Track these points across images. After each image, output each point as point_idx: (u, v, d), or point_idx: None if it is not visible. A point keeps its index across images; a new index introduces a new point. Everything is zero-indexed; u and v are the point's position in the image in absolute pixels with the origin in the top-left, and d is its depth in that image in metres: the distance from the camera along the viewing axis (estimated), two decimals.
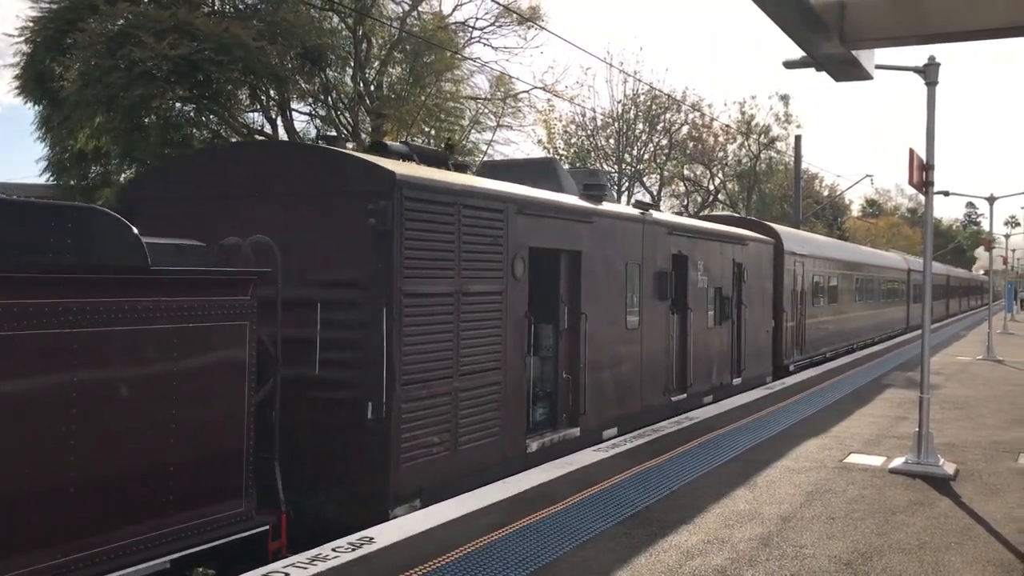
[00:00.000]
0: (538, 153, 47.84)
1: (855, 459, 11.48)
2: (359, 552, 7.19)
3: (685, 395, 15.84)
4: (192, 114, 26.79)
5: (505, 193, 10.83)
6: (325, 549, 7.26)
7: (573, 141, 49.18)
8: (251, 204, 9.39)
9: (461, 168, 11.95)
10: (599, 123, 49.10)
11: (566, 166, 49.47)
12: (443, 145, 24.08)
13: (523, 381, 11.04)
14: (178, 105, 25.56)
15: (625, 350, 13.64)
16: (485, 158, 35.93)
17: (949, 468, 10.71)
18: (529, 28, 34.45)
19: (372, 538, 7.56)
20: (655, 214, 15.31)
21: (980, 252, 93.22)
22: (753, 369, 19.91)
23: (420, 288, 9.11)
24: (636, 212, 14.46)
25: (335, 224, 9.00)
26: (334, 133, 30.56)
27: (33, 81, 26.54)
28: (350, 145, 12.20)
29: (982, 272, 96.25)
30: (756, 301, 20.11)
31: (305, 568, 6.78)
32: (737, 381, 18.72)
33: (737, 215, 36.79)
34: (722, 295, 17.81)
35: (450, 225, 9.60)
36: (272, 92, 28.79)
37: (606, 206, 13.46)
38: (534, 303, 11.41)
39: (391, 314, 8.59)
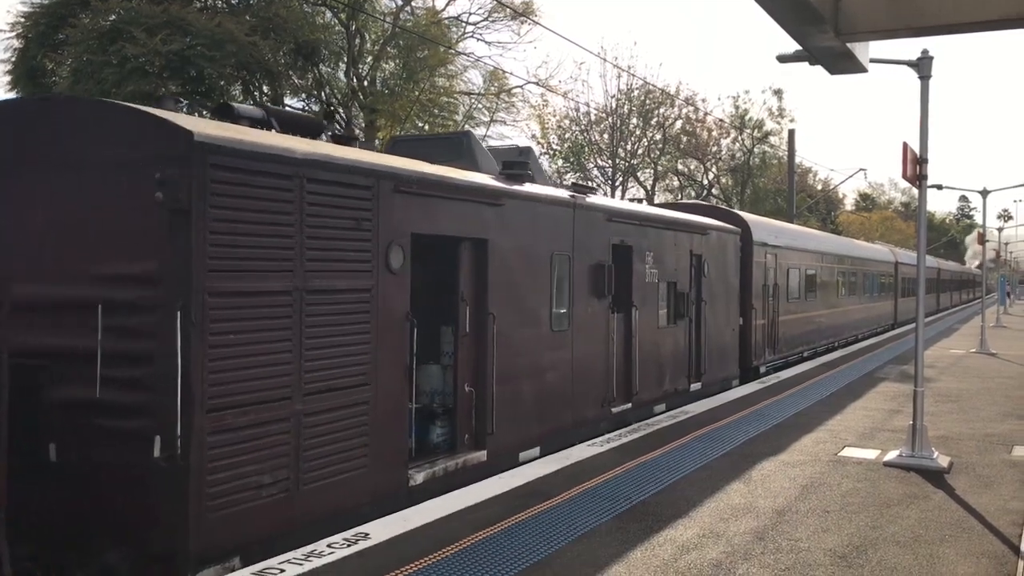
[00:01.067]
0: (534, 150, 47.88)
1: (849, 452, 11.50)
2: (354, 548, 7.18)
3: (630, 405, 13.89)
4: (185, 110, 26.76)
5: (375, 166, 8.75)
6: (320, 545, 7.24)
7: (567, 136, 49.19)
8: (18, 176, 7.55)
9: (345, 142, 9.81)
10: (593, 118, 49.15)
11: (560, 161, 49.19)
12: (323, 113, 23.40)
13: (403, 398, 8.93)
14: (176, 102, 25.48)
15: (550, 356, 11.72)
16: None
17: (943, 461, 10.73)
18: (522, 23, 34.46)
19: (367, 534, 7.55)
20: (592, 198, 13.35)
21: (969, 240, 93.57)
22: (715, 372, 18.00)
23: (236, 285, 7.12)
24: (564, 195, 12.49)
25: (119, 201, 7.05)
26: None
27: (25, 77, 26.47)
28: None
29: (975, 265, 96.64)
30: (720, 297, 18.28)
31: (301, 564, 6.77)
32: (696, 386, 16.82)
33: (704, 203, 33.70)
34: (677, 290, 15.97)
35: (289, 204, 7.59)
36: (265, 87, 28.75)
37: (526, 187, 11.49)
38: (426, 302, 9.82)
39: (188, 318, 6.66)
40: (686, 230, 16.64)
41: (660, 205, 23.39)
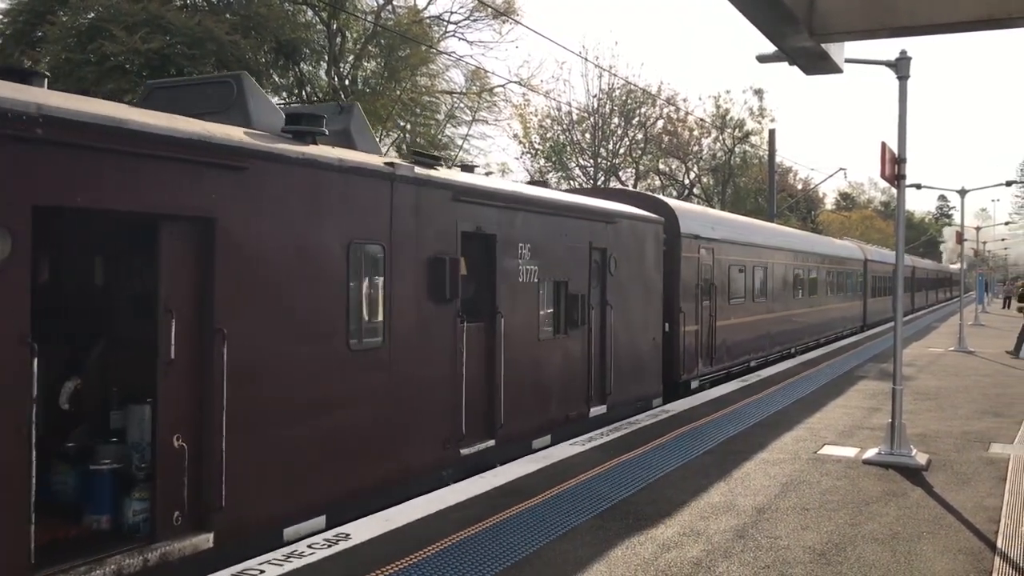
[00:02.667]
0: (514, 150, 47.79)
1: (829, 450, 11.57)
2: (335, 548, 7.17)
3: (492, 442, 10.85)
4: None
5: None
6: (300, 546, 7.22)
7: (549, 135, 49.25)
8: None
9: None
10: (575, 117, 49.24)
11: (541, 160, 49.03)
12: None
13: (21, 467, 5.70)
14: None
15: (346, 385, 8.55)
16: (461, 153, 35.98)
17: (921, 459, 10.82)
18: (504, 22, 34.51)
19: (348, 534, 7.53)
20: (430, 172, 10.08)
21: (947, 233, 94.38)
22: (628, 391, 14.86)
23: None
24: (374, 163, 9.19)
25: None
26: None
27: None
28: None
29: (952, 264, 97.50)
30: (634, 299, 15.23)
31: (280, 565, 6.75)
32: (599, 410, 13.77)
33: (623, 188, 29.70)
34: (568, 292, 12.93)
35: None
36: None
37: (304, 149, 8.25)
38: (90, 317, 7.65)
39: None
40: (582, 217, 13.54)
41: (567, 191, 20.03)
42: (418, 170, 9.75)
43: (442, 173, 10.49)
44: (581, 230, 13.40)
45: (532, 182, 17.45)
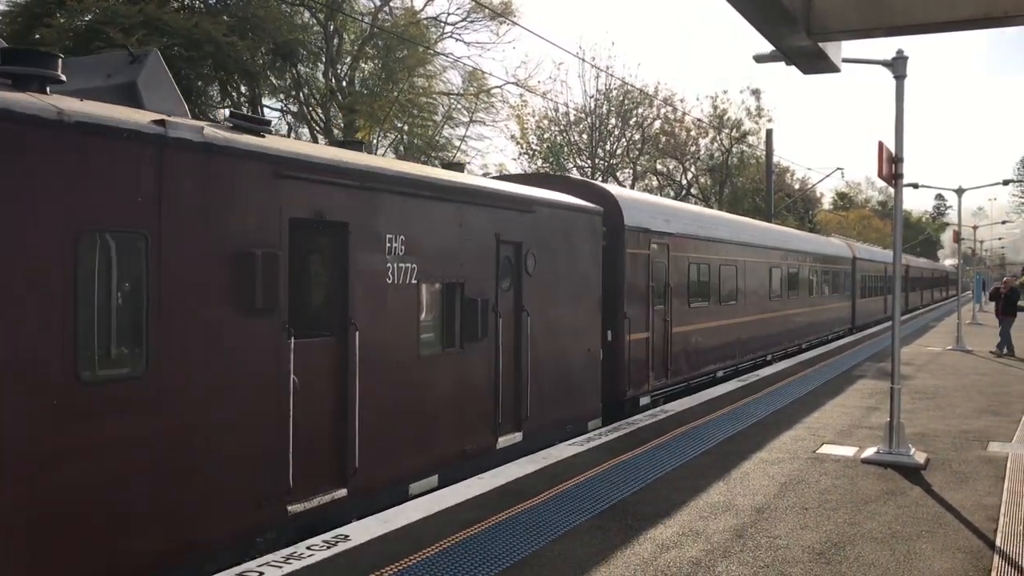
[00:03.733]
0: (512, 149, 47.72)
1: (828, 450, 11.58)
2: (334, 550, 7.17)
3: (344, 491, 8.45)
4: None
5: None
6: (300, 547, 7.22)
7: (546, 136, 49.27)
8: None
9: None
10: (572, 118, 49.27)
11: (539, 161, 49.16)
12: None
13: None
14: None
15: (67, 439, 6.06)
16: (459, 154, 35.99)
17: (920, 457, 10.83)
18: (501, 23, 34.50)
19: (347, 536, 7.53)
20: (238, 138, 7.63)
21: (945, 238, 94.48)
22: (553, 413, 12.56)
23: None
24: (134, 120, 6.72)
25: None
26: (306, 129, 30.48)
27: None
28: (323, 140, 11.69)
29: (948, 262, 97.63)
30: (563, 304, 12.97)
31: (280, 567, 6.75)
32: (511, 439, 11.49)
33: (558, 175, 26.12)
34: (465, 296, 10.60)
35: None
36: (243, 88, 28.64)
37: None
38: None
39: None
40: (485, 203, 11.16)
41: (497, 177, 17.42)
42: (211, 132, 7.25)
43: (261, 141, 7.87)
44: (484, 220, 11.04)
45: (448, 165, 14.21)
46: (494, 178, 15.97)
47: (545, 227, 12.54)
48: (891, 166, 11.03)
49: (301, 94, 31.07)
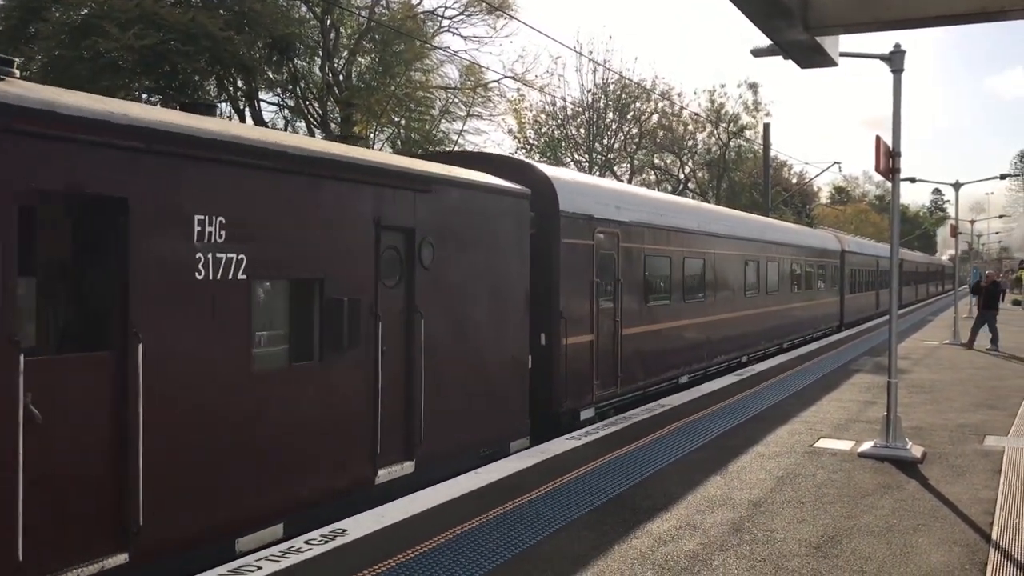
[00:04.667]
0: (509, 145, 47.68)
1: (825, 444, 11.60)
2: (332, 544, 7.17)
3: (124, 557, 6.56)
4: (159, 105, 26.59)
5: None
6: (298, 542, 7.22)
7: (544, 131, 49.21)
8: None
9: None
10: (569, 112, 49.21)
11: (536, 155, 49.34)
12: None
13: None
14: (144, 96, 25.31)
15: None
16: (457, 149, 35.94)
17: (917, 451, 10.85)
18: (499, 17, 34.42)
19: (345, 530, 7.54)
20: None
21: (941, 236, 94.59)
22: (459, 435, 10.58)
23: None
24: None
25: None
26: (303, 123, 30.44)
27: None
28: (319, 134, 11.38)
29: (945, 256, 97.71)
30: (473, 303, 11.00)
31: (278, 561, 6.75)
32: (398, 470, 9.52)
33: (478, 152, 23.05)
34: (326, 296, 8.65)
35: None
36: (240, 82, 28.61)
37: None
38: None
39: None
40: (358, 180, 9.04)
41: (423, 156, 14.05)
42: None
43: None
44: (356, 200, 9.01)
45: (344, 138, 11.59)
46: (421, 157, 13.12)
47: (450, 211, 10.48)
48: (888, 160, 11.03)
49: (298, 88, 31.00)
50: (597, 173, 47.25)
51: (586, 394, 13.74)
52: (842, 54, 7.18)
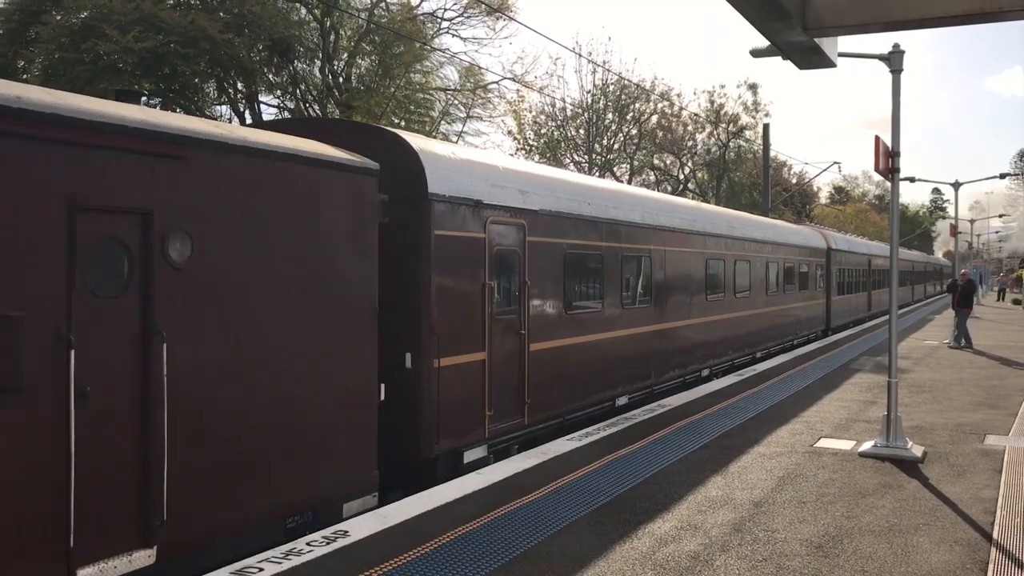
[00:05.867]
0: (508, 146, 47.62)
1: (825, 443, 11.61)
2: (334, 546, 7.19)
3: None
4: (159, 108, 26.60)
5: None
6: (299, 543, 7.24)
7: (543, 132, 49.24)
8: None
9: None
10: (569, 113, 49.23)
11: (536, 156, 49.36)
12: None
13: None
14: (144, 99, 25.33)
15: None
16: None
17: (917, 451, 10.86)
18: (498, 18, 34.45)
19: (347, 531, 7.55)
20: None
21: (941, 226, 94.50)
22: (240, 502, 7.54)
23: None
24: None
25: None
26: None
27: None
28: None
29: (942, 255, 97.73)
30: (275, 315, 7.98)
31: (280, 563, 6.76)
32: (126, 562, 6.55)
33: (317, 118, 19.06)
34: None
35: None
36: (240, 84, 28.63)
37: None
38: None
39: None
40: (20, 131, 5.99)
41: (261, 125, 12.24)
42: None
43: None
44: (25, 165, 6.07)
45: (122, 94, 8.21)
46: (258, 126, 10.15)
47: (226, 188, 7.58)
48: (888, 160, 11.05)
49: (298, 91, 31.02)
50: (597, 174, 47.26)
51: (473, 429, 10.81)
52: (840, 54, 7.20)
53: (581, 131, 49.81)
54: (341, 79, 31.42)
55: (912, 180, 35.79)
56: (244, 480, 7.59)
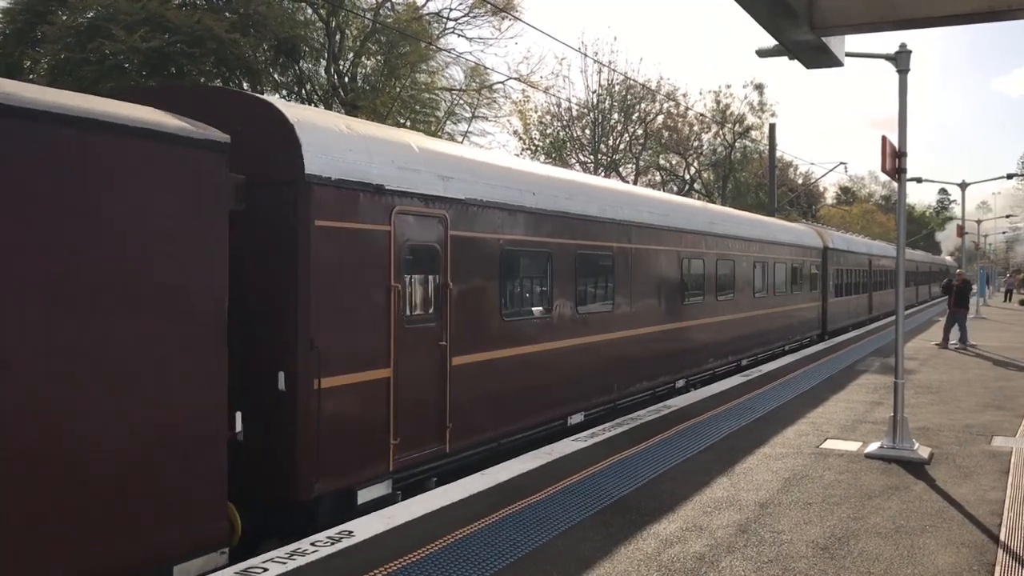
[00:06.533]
0: (514, 146, 47.59)
1: (831, 445, 11.57)
2: (338, 546, 7.18)
3: None
4: None
5: None
6: (304, 543, 7.23)
7: (549, 132, 49.23)
8: None
9: None
10: (574, 113, 49.24)
11: (542, 156, 49.35)
12: None
13: None
14: None
15: None
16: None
17: (924, 452, 10.82)
18: (503, 18, 34.46)
19: (351, 532, 7.54)
20: None
21: (948, 226, 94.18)
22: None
23: None
24: None
25: None
26: None
27: (2, 74, 26.22)
28: None
29: (948, 256, 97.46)
30: (47, 333, 5.87)
31: (284, 563, 6.76)
32: None
33: (169, 84, 17.89)
34: None
35: None
36: (245, 84, 28.63)
37: None
38: None
39: None
40: None
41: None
42: None
43: None
44: None
45: None
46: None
47: None
48: (894, 160, 11.01)
49: (303, 90, 31.06)
50: (602, 174, 47.21)
51: (370, 462, 8.91)
52: (848, 54, 7.17)
53: (587, 131, 49.81)
54: (347, 79, 31.45)
55: (919, 180, 35.72)
56: (17, 537, 5.65)
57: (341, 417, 8.55)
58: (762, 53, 11.78)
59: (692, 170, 58.94)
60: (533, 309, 12.32)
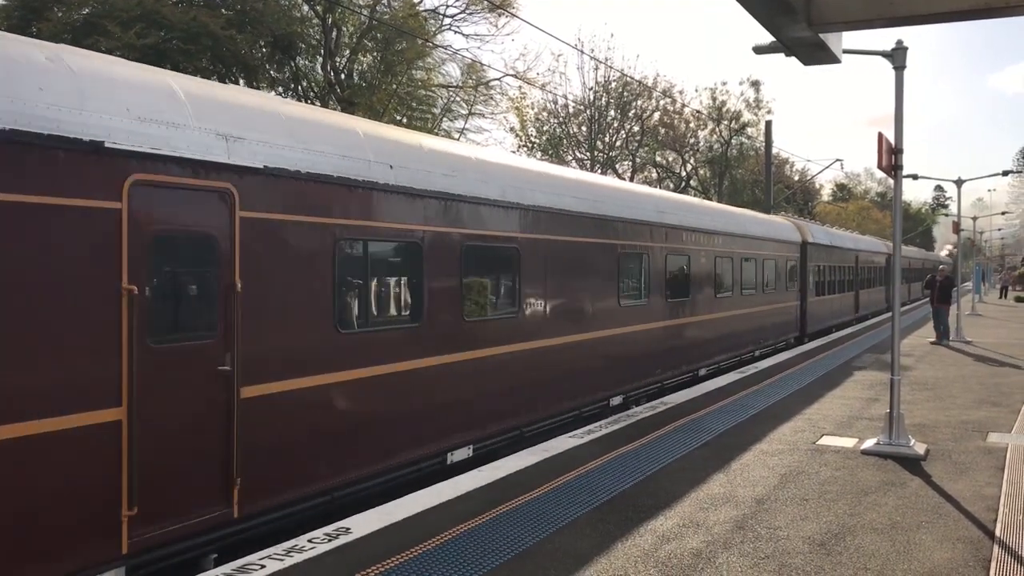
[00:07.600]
0: (511, 143, 47.52)
1: (828, 441, 11.59)
2: (335, 543, 7.17)
3: None
4: None
5: None
6: (301, 540, 7.22)
7: (545, 128, 49.19)
8: None
9: None
10: (571, 110, 49.19)
11: (538, 153, 49.28)
12: None
13: None
14: None
15: None
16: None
17: (920, 448, 10.84)
18: (500, 15, 34.42)
19: (348, 528, 7.54)
20: None
21: (943, 222, 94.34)
22: None
23: None
24: None
25: None
26: None
27: None
28: None
29: (944, 253, 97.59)
30: None
31: (282, 560, 6.76)
32: None
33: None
34: None
35: None
36: (242, 81, 28.59)
37: None
38: None
39: None
40: None
41: None
42: None
43: None
44: None
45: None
46: None
47: None
48: (891, 157, 11.02)
49: (300, 87, 31.03)
50: (599, 171, 47.19)
51: (84, 544, 6.41)
52: (845, 51, 7.18)
53: (583, 128, 49.77)
54: (343, 75, 31.42)
55: (915, 177, 35.66)
56: None
57: (21, 487, 5.95)
58: (759, 50, 11.76)
59: (688, 167, 58.96)
60: (390, 316, 9.85)
